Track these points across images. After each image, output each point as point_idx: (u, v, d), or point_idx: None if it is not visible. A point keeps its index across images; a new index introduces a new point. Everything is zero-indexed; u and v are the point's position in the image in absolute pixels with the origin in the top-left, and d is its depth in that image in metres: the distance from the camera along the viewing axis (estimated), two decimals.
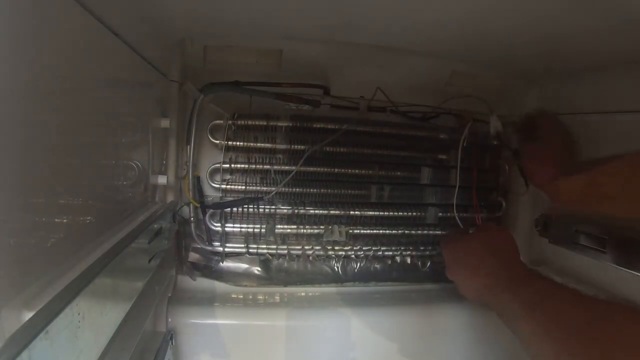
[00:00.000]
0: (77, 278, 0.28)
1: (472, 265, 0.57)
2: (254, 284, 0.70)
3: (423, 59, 0.65)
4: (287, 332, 0.63)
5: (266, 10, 0.48)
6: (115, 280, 0.34)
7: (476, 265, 0.56)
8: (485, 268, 0.55)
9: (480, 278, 0.55)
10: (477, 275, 0.56)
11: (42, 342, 0.22)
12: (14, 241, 0.24)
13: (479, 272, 0.55)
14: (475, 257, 0.57)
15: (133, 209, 0.49)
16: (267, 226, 0.68)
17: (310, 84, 0.65)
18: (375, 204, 0.73)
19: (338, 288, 0.72)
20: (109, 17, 0.35)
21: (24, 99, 0.24)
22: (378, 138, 0.72)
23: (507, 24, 0.47)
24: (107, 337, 0.32)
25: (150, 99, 0.54)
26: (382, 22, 0.50)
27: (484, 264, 0.55)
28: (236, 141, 0.66)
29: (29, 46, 0.24)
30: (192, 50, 0.61)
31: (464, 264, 0.58)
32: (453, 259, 0.61)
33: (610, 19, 0.42)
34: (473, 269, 0.57)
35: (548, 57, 0.59)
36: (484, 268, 0.55)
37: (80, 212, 0.35)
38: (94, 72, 0.35)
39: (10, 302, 0.24)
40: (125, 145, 0.46)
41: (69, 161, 0.32)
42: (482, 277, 0.55)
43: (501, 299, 0.51)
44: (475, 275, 0.56)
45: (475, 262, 0.57)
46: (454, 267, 0.60)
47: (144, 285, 0.43)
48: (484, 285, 0.55)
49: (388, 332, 0.66)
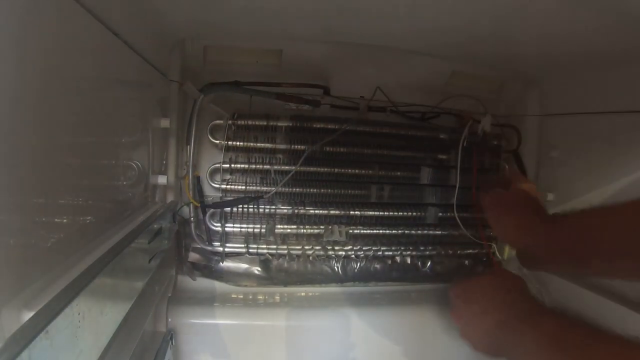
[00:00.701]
0: (77, 278, 0.28)
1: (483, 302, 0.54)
2: (254, 284, 0.70)
3: (423, 59, 0.65)
4: (287, 332, 0.63)
5: (266, 10, 0.48)
6: (115, 280, 0.34)
7: (487, 301, 0.54)
8: (497, 304, 0.52)
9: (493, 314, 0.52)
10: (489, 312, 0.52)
11: (42, 342, 0.22)
12: (14, 241, 0.24)
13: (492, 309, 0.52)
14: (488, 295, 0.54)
15: (133, 209, 0.49)
16: (267, 226, 0.68)
17: (310, 84, 0.65)
18: (375, 204, 0.73)
19: (338, 288, 0.72)
20: (109, 17, 0.35)
21: (24, 99, 0.24)
22: (378, 138, 0.71)
23: (508, 25, 0.47)
24: (107, 337, 0.32)
25: (150, 99, 0.54)
26: (383, 23, 0.50)
27: (495, 300, 0.53)
28: (236, 141, 0.66)
29: (29, 46, 0.24)
30: (192, 50, 0.61)
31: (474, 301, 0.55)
32: (461, 298, 0.58)
33: (610, 19, 0.42)
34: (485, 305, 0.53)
35: (548, 57, 0.59)
36: (496, 304, 0.52)
37: (80, 212, 0.35)
38: (94, 72, 0.35)
39: (10, 302, 0.24)
40: (125, 145, 0.46)
41: (69, 161, 0.32)
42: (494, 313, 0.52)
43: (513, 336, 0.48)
44: (486, 312, 0.53)
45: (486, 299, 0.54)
46: (461, 306, 0.57)
47: (144, 285, 0.43)
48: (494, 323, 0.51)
49: (388, 332, 0.66)
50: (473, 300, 0.56)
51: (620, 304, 0.56)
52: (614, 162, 0.60)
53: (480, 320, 0.54)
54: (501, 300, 0.52)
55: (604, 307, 0.58)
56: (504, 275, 0.58)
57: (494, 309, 0.52)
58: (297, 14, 0.49)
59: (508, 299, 0.52)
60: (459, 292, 0.59)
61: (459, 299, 0.58)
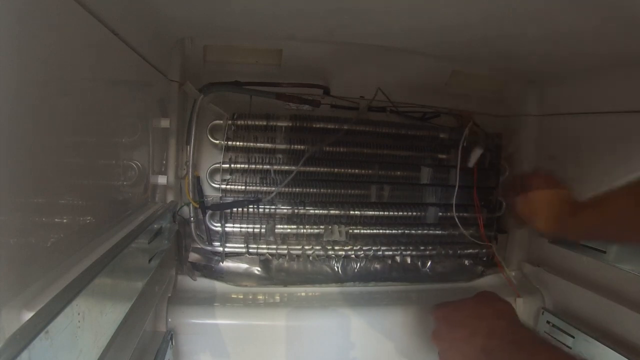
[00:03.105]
0: (77, 278, 0.28)
1: (471, 325, 0.50)
2: (254, 284, 0.70)
3: (423, 59, 0.65)
4: (287, 332, 0.63)
5: (266, 10, 0.48)
6: (115, 280, 0.34)
7: (477, 324, 0.50)
8: (487, 328, 0.48)
9: (480, 338, 0.48)
10: (476, 335, 0.49)
11: (42, 342, 0.22)
12: (14, 241, 0.24)
13: (479, 332, 0.49)
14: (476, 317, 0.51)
15: (133, 209, 0.49)
16: (267, 226, 0.68)
17: (310, 84, 0.65)
18: (375, 203, 0.73)
19: (338, 288, 0.72)
20: (109, 17, 0.35)
21: (23, 99, 0.24)
22: (378, 138, 0.71)
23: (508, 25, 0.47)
24: (107, 337, 0.32)
25: (150, 99, 0.54)
26: (382, 23, 0.50)
27: (485, 323, 0.49)
28: (236, 141, 0.66)
29: (28, 46, 0.24)
30: (192, 50, 0.61)
31: (460, 324, 0.51)
32: (445, 320, 0.54)
33: (610, 20, 0.42)
34: (472, 329, 0.50)
35: (548, 57, 0.59)
36: (485, 328, 0.49)
37: (80, 212, 0.35)
38: (94, 72, 0.35)
39: (10, 302, 0.24)
40: (125, 145, 0.46)
41: (69, 161, 0.32)
42: (482, 337, 0.48)
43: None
44: (474, 335, 0.49)
45: (475, 321, 0.50)
46: (445, 328, 0.53)
47: (144, 285, 0.43)
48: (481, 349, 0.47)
49: (388, 332, 0.65)
50: (458, 324, 0.52)
51: (621, 304, 0.56)
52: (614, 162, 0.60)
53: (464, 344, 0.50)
54: (490, 326, 0.49)
55: (604, 307, 0.58)
56: (492, 299, 0.54)
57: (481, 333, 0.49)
58: (297, 14, 0.49)
59: (498, 325, 0.49)
60: (443, 314, 0.55)
61: (443, 321, 0.54)
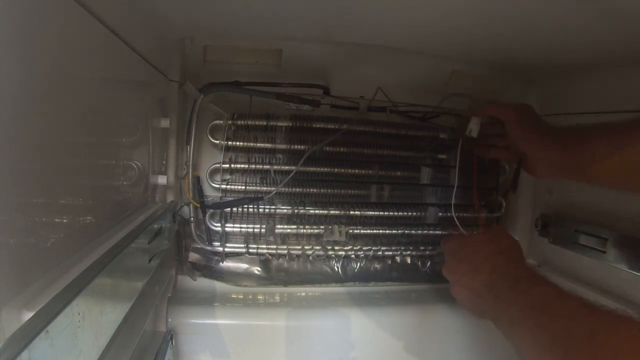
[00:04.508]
0: (77, 278, 0.28)
1: (475, 262, 0.53)
2: (254, 284, 0.70)
3: (423, 59, 0.65)
4: (287, 332, 0.63)
5: (266, 10, 0.48)
6: (115, 280, 0.34)
7: (480, 261, 0.53)
8: (490, 265, 0.52)
9: (483, 275, 0.52)
10: (480, 272, 0.52)
11: (42, 342, 0.22)
12: (14, 241, 0.24)
13: (482, 269, 0.52)
14: (480, 254, 0.54)
15: (133, 209, 0.49)
16: (267, 226, 0.68)
17: (310, 84, 0.65)
18: (375, 203, 0.73)
19: (338, 288, 0.72)
20: (109, 17, 0.35)
21: (23, 99, 0.24)
22: (378, 138, 0.71)
23: (508, 26, 0.47)
24: (107, 337, 0.32)
25: (151, 99, 0.54)
26: (382, 22, 0.50)
27: (488, 261, 0.52)
28: (236, 141, 0.66)
29: (28, 46, 0.24)
30: (192, 50, 0.61)
31: (466, 260, 0.55)
32: (454, 255, 0.58)
33: (610, 19, 0.42)
34: (476, 265, 0.53)
35: (548, 57, 0.59)
36: (489, 265, 0.52)
37: (80, 212, 0.35)
38: (94, 72, 0.35)
39: (10, 302, 0.24)
40: (125, 145, 0.46)
41: (69, 161, 0.32)
42: (485, 274, 0.52)
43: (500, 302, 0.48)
44: (478, 272, 0.52)
45: (479, 258, 0.53)
46: (453, 263, 0.57)
47: (144, 285, 0.43)
48: (484, 284, 0.51)
49: (388, 332, 0.65)
50: (465, 259, 0.55)
51: (620, 304, 0.56)
52: None
53: (469, 280, 0.53)
54: (492, 263, 0.52)
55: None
56: (500, 235, 0.56)
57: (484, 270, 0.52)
58: (297, 14, 0.49)
59: (500, 262, 0.51)
60: (452, 248, 0.58)
61: (452, 255, 0.58)
